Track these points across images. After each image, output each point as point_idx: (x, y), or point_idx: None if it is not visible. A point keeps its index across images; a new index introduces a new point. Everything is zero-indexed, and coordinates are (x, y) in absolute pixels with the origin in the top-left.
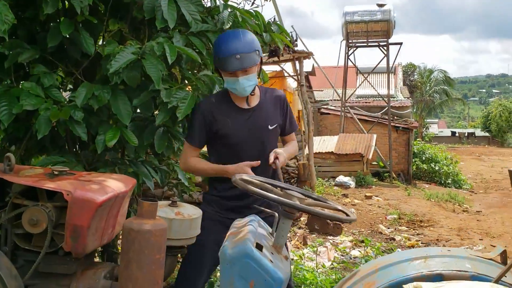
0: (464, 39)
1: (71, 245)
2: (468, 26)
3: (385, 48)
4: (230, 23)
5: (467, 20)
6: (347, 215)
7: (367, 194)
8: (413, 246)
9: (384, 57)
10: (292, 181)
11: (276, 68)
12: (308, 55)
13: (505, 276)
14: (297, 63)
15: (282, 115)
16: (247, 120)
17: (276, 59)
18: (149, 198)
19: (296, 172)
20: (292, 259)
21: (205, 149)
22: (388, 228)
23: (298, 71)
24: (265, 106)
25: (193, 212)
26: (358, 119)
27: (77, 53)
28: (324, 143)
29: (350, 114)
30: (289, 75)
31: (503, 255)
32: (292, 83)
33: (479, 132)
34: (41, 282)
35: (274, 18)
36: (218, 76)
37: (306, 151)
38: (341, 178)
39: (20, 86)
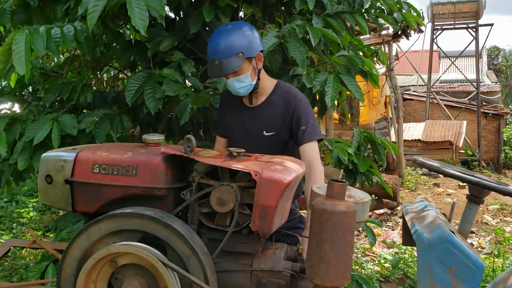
0: None
1: (259, 225)
2: None
3: (474, 30)
4: (369, 3)
5: None
6: None
7: (461, 184)
8: None
9: (473, 40)
10: (380, 169)
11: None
12: (397, 38)
13: None
14: (386, 46)
15: (289, 123)
16: (245, 120)
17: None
18: (338, 180)
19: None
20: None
21: None
22: (493, 219)
23: (388, 55)
24: (269, 108)
25: (363, 196)
26: (444, 105)
27: None
28: (410, 130)
29: (436, 100)
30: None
31: None
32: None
33: None
34: (223, 260)
35: None
36: None
37: (394, 138)
38: None
39: (159, 73)
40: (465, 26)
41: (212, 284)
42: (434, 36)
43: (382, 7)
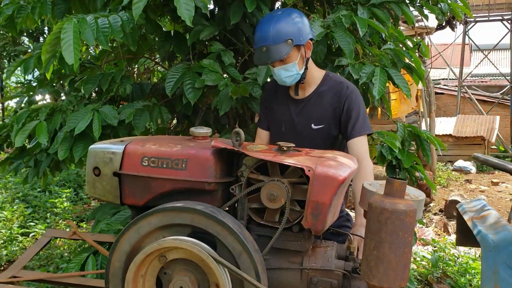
0: None
1: (312, 222)
2: None
3: (509, 22)
4: None
5: None
6: None
7: (494, 181)
8: None
9: (508, 32)
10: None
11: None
12: (430, 30)
13: None
14: (419, 39)
15: (338, 115)
16: (292, 113)
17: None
18: (397, 177)
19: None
20: (435, 246)
21: None
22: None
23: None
24: (317, 100)
25: (418, 193)
26: (476, 99)
27: (249, 30)
28: (441, 125)
29: (467, 94)
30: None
31: None
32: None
33: None
34: (273, 257)
35: None
36: None
37: None
38: (460, 163)
39: (199, 64)
40: (500, 18)
41: (263, 282)
42: (467, 29)
43: None
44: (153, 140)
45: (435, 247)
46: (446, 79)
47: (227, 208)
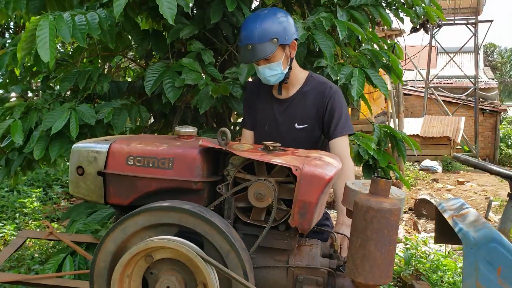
0: None
1: (299, 221)
2: None
3: (473, 26)
4: None
5: None
6: None
7: (459, 180)
8: None
9: (472, 36)
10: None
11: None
12: (400, 33)
13: None
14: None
15: (321, 115)
16: (275, 112)
17: None
18: (381, 176)
19: None
20: (407, 244)
21: None
22: (496, 216)
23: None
24: (301, 100)
25: (399, 192)
26: (442, 100)
27: (229, 29)
28: (408, 125)
29: (434, 96)
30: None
31: None
32: None
33: None
34: (259, 256)
35: None
36: None
37: None
38: (427, 162)
39: (178, 63)
40: (465, 22)
41: (251, 281)
42: (434, 32)
43: (402, 0)
44: (138, 139)
45: (407, 244)
46: (414, 80)
47: (213, 208)
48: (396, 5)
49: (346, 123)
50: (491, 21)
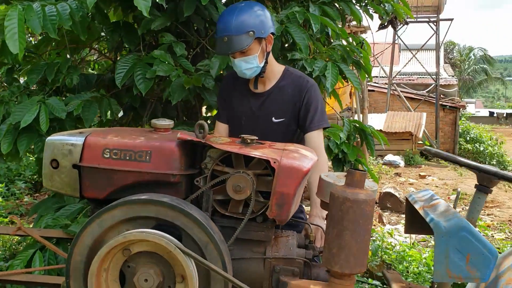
0: None
1: (276, 212)
2: None
3: (435, 24)
4: None
5: None
6: None
7: (421, 174)
8: (489, 226)
9: (434, 34)
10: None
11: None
12: (364, 29)
13: None
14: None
15: (298, 109)
16: (252, 106)
17: None
18: (357, 168)
19: None
20: (373, 236)
21: None
22: (458, 208)
23: None
24: (278, 94)
25: (372, 184)
26: (404, 97)
27: (201, 23)
28: (372, 121)
29: (397, 92)
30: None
31: None
32: None
33: None
34: (236, 247)
35: None
36: None
37: None
38: (390, 157)
39: (149, 55)
40: (427, 20)
41: (230, 272)
42: (398, 29)
43: None
44: (114, 132)
45: (372, 237)
46: (377, 76)
47: (190, 200)
48: (366, 1)
49: (322, 117)
50: (451, 19)
